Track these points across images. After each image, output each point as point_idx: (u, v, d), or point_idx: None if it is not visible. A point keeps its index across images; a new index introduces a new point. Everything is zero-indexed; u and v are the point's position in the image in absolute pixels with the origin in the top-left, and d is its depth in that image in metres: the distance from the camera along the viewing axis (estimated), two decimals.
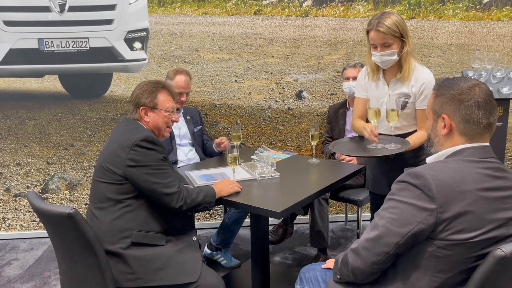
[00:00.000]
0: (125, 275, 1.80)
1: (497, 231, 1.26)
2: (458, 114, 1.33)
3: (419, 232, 1.24)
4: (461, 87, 1.35)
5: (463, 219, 1.22)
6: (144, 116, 1.96)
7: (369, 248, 1.33)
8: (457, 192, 1.23)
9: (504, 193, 1.29)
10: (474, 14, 3.54)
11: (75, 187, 3.53)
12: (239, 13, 3.45)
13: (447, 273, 1.27)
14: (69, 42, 3.27)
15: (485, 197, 1.25)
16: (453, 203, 1.23)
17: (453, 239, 1.23)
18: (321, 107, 3.58)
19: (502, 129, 3.22)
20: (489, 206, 1.25)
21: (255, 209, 1.99)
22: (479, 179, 1.27)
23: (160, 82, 2.03)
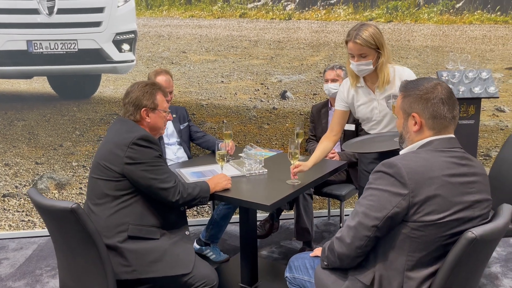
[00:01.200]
0: (122, 267, 1.87)
1: (464, 212, 1.41)
2: (426, 111, 1.47)
3: (394, 215, 1.38)
4: (425, 87, 1.49)
5: (432, 202, 1.37)
6: (146, 117, 2.02)
7: (352, 234, 1.47)
8: (426, 178, 1.38)
9: (469, 179, 1.44)
10: (447, 18, 3.71)
11: (64, 186, 3.57)
12: (225, 16, 3.53)
13: (421, 252, 1.41)
14: (57, 44, 3.30)
15: (451, 182, 1.40)
16: (423, 187, 1.37)
17: (424, 220, 1.37)
18: (304, 107, 3.70)
19: (474, 127, 3.37)
20: (456, 190, 1.40)
21: (246, 203, 2.10)
22: (446, 166, 1.42)
23: (155, 83, 2.09)
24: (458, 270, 1.40)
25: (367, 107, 2.41)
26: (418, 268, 1.43)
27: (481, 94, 3.33)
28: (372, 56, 2.26)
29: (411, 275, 1.43)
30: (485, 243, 1.41)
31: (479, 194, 1.45)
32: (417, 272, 1.42)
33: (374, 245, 1.49)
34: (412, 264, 1.42)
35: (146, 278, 1.91)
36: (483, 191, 1.47)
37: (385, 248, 1.46)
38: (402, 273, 1.43)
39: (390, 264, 1.45)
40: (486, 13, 3.74)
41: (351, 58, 2.29)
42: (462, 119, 3.37)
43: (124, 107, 2.04)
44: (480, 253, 1.45)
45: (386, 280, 1.46)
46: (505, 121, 3.95)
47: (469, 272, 1.48)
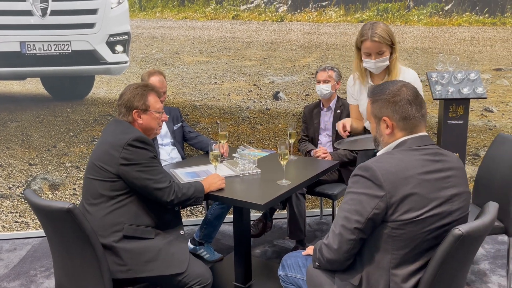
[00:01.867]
0: (117, 266, 1.90)
1: (442, 207, 1.45)
2: (396, 114, 1.52)
3: (374, 216, 1.42)
4: (391, 90, 1.54)
5: (409, 200, 1.40)
6: (138, 119, 2.04)
7: (338, 240, 1.51)
8: (401, 178, 1.42)
9: (444, 174, 1.48)
10: (437, 20, 3.78)
11: (58, 187, 3.58)
12: (218, 18, 3.56)
13: (404, 249, 1.45)
14: (51, 45, 3.31)
15: (426, 179, 1.44)
16: (399, 188, 1.41)
17: (403, 219, 1.41)
18: (296, 107, 3.74)
19: (463, 127, 3.40)
20: (431, 186, 1.44)
21: (240, 202, 2.13)
22: (420, 165, 1.46)
23: (148, 85, 2.11)
24: (446, 265, 1.45)
25: None
26: (403, 265, 1.47)
27: (470, 94, 3.38)
28: (387, 52, 2.35)
29: (397, 273, 1.47)
30: (471, 239, 1.46)
31: (456, 188, 1.49)
32: (403, 269, 1.47)
33: (360, 247, 1.53)
34: (397, 262, 1.46)
35: (141, 277, 1.94)
36: (459, 185, 1.51)
37: (370, 248, 1.50)
38: (388, 271, 1.47)
39: (376, 264, 1.49)
40: (475, 15, 3.80)
41: (367, 57, 2.36)
42: (451, 119, 3.40)
43: (118, 108, 2.07)
44: (467, 249, 1.50)
45: (373, 279, 1.50)
46: (493, 121, 4.02)
47: (456, 268, 1.52)
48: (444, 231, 1.46)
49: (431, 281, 1.45)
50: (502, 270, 2.92)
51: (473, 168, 4.01)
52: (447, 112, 3.41)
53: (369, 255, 1.50)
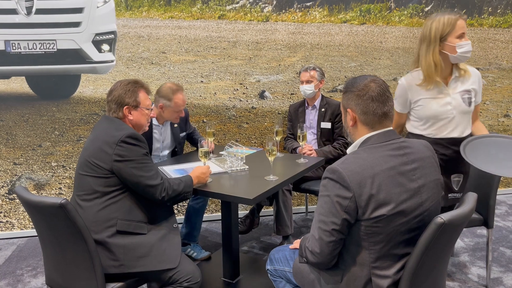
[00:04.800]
0: (110, 261, 1.91)
1: (411, 200, 1.49)
2: (358, 107, 1.55)
3: (347, 216, 1.46)
4: (359, 84, 1.56)
5: (377, 198, 1.44)
6: (128, 115, 2.05)
7: (319, 244, 1.54)
8: (367, 177, 1.45)
9: (410, 167, 1.52)
10: (417, 21, 3.88)
11: (43, 187, 3.55)
12: (204, 17, 3.58)
13: (380, 244, 1.49)
14: (36, 44, 3.28)
15: (392, 175, 1.48)
16: (365, 187, 1.44)
17: (374, 216, 1.44)
18: (282, 106, 3.79)
19: None
20: (397, 181, 1.48)
21: (229, 197, 2.17)
22: (384, 161, 1.49)
23: (137, 81, 2.12)
24: (429, 253, 1.51)
25: (438, 104, 2.20)
26: (381, 259, 1.51)
27: None
28: None
29: (377, 266, 1.51)
30: (452, 228, 1.54)
31: (423, 178, 1.53)
32: (382, 263, 1.51)
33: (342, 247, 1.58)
34: (376, 257, 1.50)
35: (133, 273, 1.96)
36: (427, 174, 1.55)
37: (349, 246, 1.54)
38: (368, 266, 1.51)
39: (356, 260, 1.53)
40: None
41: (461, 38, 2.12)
42: None
43: (107, 104, 2.07)
44: (448, 237, 1.57)
45: (354, 275, 1.54)
46: None
47: (438, 256, 1.59)
48: (418, 221, 1.51)
49: (414, 269, 1.51)
50: (481, 261, 3.03)
51: None
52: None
53: (349, 253, 1.55)
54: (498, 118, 4.20)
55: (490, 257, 2.69)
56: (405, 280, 1.53)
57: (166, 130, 2.92)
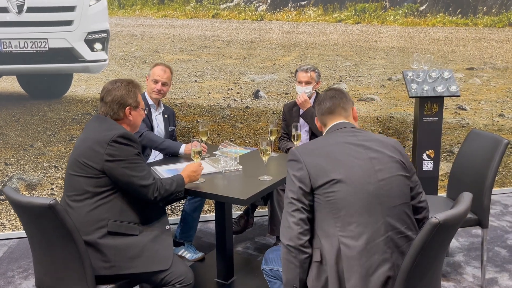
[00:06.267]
0: (101, 263, 1.88)
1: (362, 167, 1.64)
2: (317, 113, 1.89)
3: (301, 185, 1.63)
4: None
5: (327, 165, 1.63)
6: (129, 115, 2.04)
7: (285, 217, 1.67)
8: (315, 149, 1.70)
9: (360, 143, 1.70)
10: (412, 20, 3.88)
11: (35, 187, 3.51)
12: (198, 16, 3.56)
13: (342, 211, 1.59)
14: (27, 43, 3.24)
15: (341, 145, 1.69)
16: (314, 155, 1.66)
17: (326, 181, 1.60)
18: (277, 106, 3.78)
19: (437, 124, 3.50)
20: (347, 151, 1.67)
21: (223, 198, 2.14)
22: (335, 138, 1.74)
23: (133, 81, 2.11)
24: (424, 253, 1.50)
25: None
26: (347, 226, 1.59)
27: (444, 92, 3.47)
28: None
29: (344, 235, 1.59)
30: (447, 228, 1.52)
31: (376, 152, 1.68)
32: (349, 232, 1.59)
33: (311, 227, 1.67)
34: (341, 225, 1.60)
35: (125, 274, 1.92)
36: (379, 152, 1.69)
37: (320, 224, 1.65)
38: (336, 236, 1.59)
39: (326, 234, 1.62)
40: (448, 16, 3.92)
41: None
42: (426, 117, 3.49)
43: (105, 105, 2.02)
44: (443, 237, 1.56)
45: (326, 249, 1.61)
46: (467, 119, 4.15)
47: (434, 256, 1.59)
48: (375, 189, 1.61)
49: (409, 269, 1.50)
50: (476, 261, 3.02)
51: (448, 164, 4.12)
52: (423, 110, 3.49)
53: (319, 230, 1.64)
54: (492, 117, 4.21)
55: (485, 257, 2.68)
56: (400, 280, 1.52)
57: (159, 117, 3.07)
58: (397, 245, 1.60)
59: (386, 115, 4.00)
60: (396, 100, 4.00)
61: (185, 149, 2.82)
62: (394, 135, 4.05)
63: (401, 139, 4.07)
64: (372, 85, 3.93)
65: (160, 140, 2.85)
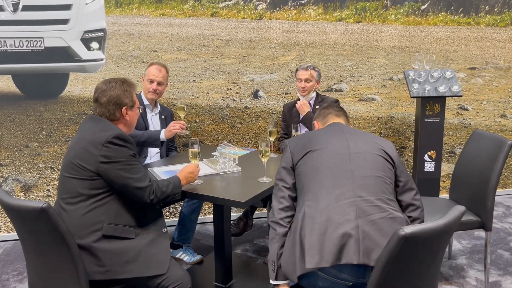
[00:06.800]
0: (95, 267, 1.83)
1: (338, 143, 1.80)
2: (320, 115, 2.10)
3: (285, 164, 1.84)
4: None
5: (307, 142, 1.83)
6: (126, 115, 2.00)
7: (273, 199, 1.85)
8: (302, 136, 1.93)
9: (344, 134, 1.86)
10: (413, 19, 3.83)
11: (31, 189, 3.46)
12: (196, 15, 3.51)
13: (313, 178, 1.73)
14: (22, 42, 3.20)
15: (323, 131, 1.91)
16: (297, 141, 1.88)
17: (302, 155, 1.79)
18: (276, 106, 3.73)
19: (439, 124, 3.48)
20: (329, 132, 1.88)
21: (221, 200, 2.09)
22: (322, 129, 1.96)
23: (127, 80, 2.06)
24: (393, 265, 1.41)
25: None
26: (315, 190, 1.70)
27: (446, 92, 3.44)
28: None
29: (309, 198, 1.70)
30: (420, 241, 1.41)
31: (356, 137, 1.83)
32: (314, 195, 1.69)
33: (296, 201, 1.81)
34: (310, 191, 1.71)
35: (120, 279, 1.87)
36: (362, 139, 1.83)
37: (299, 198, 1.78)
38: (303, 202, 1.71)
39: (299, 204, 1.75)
40: (450, 15, 3.88)
41: None
42: (428, 117, 3.47)
43: (100, 106, 1.98)
44: (418, 250, 1.44)
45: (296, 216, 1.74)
46: (468, 119, 4.10)
47: (411, 269, 1.48)
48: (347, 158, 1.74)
49: (377, 281, 1.42)
50: (479, 264, 2.97)
51: (450, 165, 4.08)
52: (424, 110, 3.47)
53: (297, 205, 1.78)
54: (495, 118, 4.16)
55: (488, 260, 2.63)
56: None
57: (155, 118, 3.04)
58: (364, 211, 1.62)
59: (387, 115, 3.96)
60: (397, 100, 3.96)
61: (165, 133, 2.81)
62: (395, 136, 4.00)
63: (402, 140, 4.02)
64: (373, 85, 3.89)
65: (140, 133, 2.78)
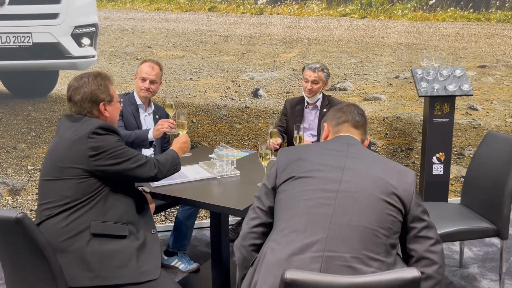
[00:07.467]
0: (83, 272, 1.72)
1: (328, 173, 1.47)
2: (333, 118, 1.71)
3: (266, 182, 1.58)
4: (340, 105, 1.78)
5: (295, 163, 1.53)
6: (104, 112, 1.90)
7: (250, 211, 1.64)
8: (295, 151, 1.60)
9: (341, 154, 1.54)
10: (421, 15, 3.73)
11: (19, 192, 3.32)
12: (193, 10, 3.42)
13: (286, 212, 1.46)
14: (9, 37, 3.08)
15: (319, 151, 1.56)
16: (289, 156, 1.58)
17: (285, 179, 1.51)
18: (277, 106, 3.60)
19: (448, 125, 3.38)
20: (318, 155, 1.55)
21: (217, 207, 2.00)
22: (317, 146, 1.64)
23: (101, 73, 1.96)
24: None
25: None
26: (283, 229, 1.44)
27: (456, 92, 3.34)
28: None
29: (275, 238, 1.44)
30: None
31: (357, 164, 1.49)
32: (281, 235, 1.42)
33: None
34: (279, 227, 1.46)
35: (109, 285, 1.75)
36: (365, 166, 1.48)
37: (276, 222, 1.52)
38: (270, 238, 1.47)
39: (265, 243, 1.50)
40: (459, 10, 3.78)
41: None
42: (436, 117, 3.38)
43: (75, 105, 1.86)
44: None
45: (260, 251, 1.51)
46: (478, 120, 3.97)
47: None
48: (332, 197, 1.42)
49: None
50: (492, 273, 2.83)
51: (458, 167, 3.96)
52: (433, 110, 3.39)
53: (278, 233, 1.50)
54: (505, 118, 4.03)
55: (503, 270, 2.48)
56: None
57: (149, 118, 2.92)
58: (331, 269, 1.31)
59: (393, 116, 3.83)
60: (403, 99, 3.83)
61: (153, 133, 2.64)
62: (402, 137, 3.86)
63: (409, 141, 3.88)
64: (379, 83, 3.77)
65: (128, 133, 2.66)
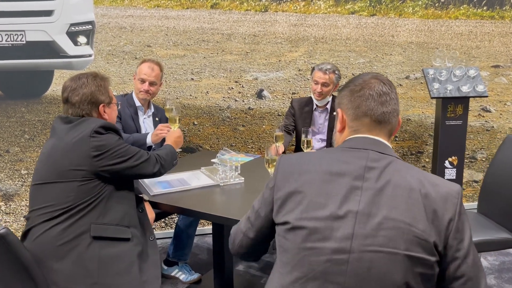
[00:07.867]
0: (81, 278, 1.66)
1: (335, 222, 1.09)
2: (350, 105, 1.22)
3: (260, 206, 1.25)
4: (357, 80, 1.25)
5: (294, 198, 1.15)
6: (104, 114, 1.89)
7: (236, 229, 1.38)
8: (295, 171, 1.18)
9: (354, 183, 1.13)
10: (433, 12, 3.66)
11: (12, 198, 3.22)
12: (194, 7, 3.38)
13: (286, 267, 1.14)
14: (2, 36, 2.99)
15: (323, 179, 1.14)
16: (288, 181, 1.17)
17: (283, 221, 1.15)
18: (282, 107, 3.52)
19: (462, 128, 3.28)
20: (325, 189, 1.13)
21: (220, 218, 1.91)
22: (326, 162, 1.17)
23: (98, 74, 1.93)
24: None
25: None
26: None
27: (470, 93, 3.24)
28: None
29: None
30: None
31: (364, 204, 1.09)
32: None
33: None
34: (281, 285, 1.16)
35: None
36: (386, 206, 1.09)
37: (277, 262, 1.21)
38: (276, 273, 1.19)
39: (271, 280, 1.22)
40: (472, 8, 3.72)
41: None
42: (449, 120, 3.29)
43: (72, 106, 1.83)
44: None
45: None
46: (491, 122, 3.87)
47: None
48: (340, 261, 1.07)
49: None
50: (510, 285, 2.70)
51: (470, 172, 3.84)
52: (445, 112, 3.30)
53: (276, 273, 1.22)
54: None
55: None
56: None
57: (148, 120, 2.85)
58: None
59: (403, 118, 3.72)
60: (414, 101, 3.74)
61: (152, 137, 2.58)
62: (412, 140, 3.74)
63: (419, 144, 3.76)
64: None
65: (126, 136, 2.58)
